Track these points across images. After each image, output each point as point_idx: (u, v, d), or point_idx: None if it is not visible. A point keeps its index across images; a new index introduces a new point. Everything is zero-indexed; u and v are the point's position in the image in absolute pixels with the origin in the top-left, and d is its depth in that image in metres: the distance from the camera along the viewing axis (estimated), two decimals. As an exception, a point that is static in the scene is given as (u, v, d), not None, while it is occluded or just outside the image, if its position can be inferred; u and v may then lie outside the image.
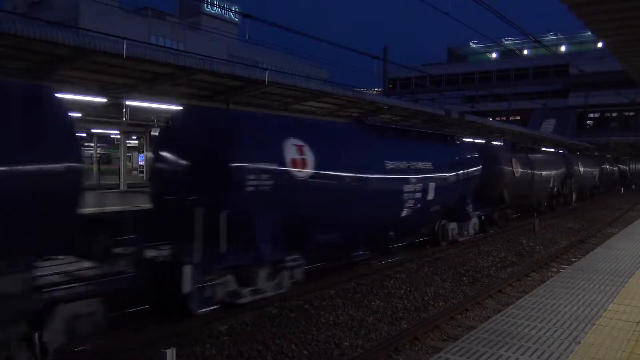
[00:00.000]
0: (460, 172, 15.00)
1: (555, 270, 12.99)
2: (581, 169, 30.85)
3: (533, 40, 19.26)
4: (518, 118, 55.79)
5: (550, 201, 26.42)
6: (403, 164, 12.18)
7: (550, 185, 25.01)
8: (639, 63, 11.84)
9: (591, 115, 58.32)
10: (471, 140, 19.19)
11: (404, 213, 12.41)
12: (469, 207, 15.99)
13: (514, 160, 19.84)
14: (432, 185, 13.14)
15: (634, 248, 12.08)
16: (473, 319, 9.12)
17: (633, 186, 51.04)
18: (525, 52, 64.16)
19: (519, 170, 19.96)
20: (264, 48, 36.72)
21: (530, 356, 5.27)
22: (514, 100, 47.56)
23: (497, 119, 47.80)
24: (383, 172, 11.56)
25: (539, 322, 6.37)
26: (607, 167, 41.37)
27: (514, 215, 21.88)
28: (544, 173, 23.21)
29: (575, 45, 65.41)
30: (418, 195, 12.66)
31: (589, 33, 11.64)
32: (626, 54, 10.78)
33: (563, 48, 66.21)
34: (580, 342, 5.67)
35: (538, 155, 23.94)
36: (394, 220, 12.44)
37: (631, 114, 55.80)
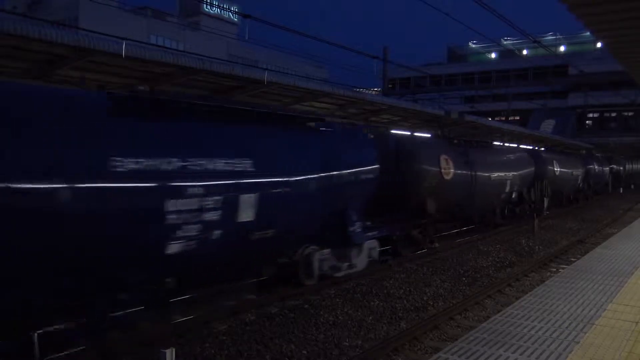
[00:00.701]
0: (330, 174, 9.78)
1: (555, 270, 13.00)
2: (557, 169, 25.58)
3: (532, 41, 19.25)
4: (517, 118, 55.86)
5: (512, 209, 21.26)
6: (165, 164, 6.84)
7: (507, 190, 19.15)
8: (638, 63, 11.85)
9: (590, 115, 58.38)
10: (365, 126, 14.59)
11: (175, 248, 7.00)
12: (356, 227, 10.71)
13: (443, 158, 14.63)
14: (249, 198, 7.90)
15: (633, 248, 12.08)
16: (472, 319, 9.13)
17: (632, 187, 50.98)
18: (525, 52, 64.20)
19: (451, 171, 14.75)
20: (264, 48, 36.76)
21: (529, 356, 5.28)
22: (513, 100, 47.62)
23: (496, 119, 47.88)
24: (105, 178, 6.23)
25: (538, 322, 6.38)
26: (595, 167, 35.86)
27: (449, 232, 17.36)
28: (494, 175, 17.58)
29: (575, 45, 65.46)
30: (213, 215, 7.39)
31: (588, 33, 11.62)
32: (626, 54, 10.78)
33: (562, 48, 66.28)
34: (579, 342, 5.68)
35: (485, 152, 18.29)
36: (152, 263, 7.14)
37: (630, 114, 55.84)
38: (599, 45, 49.49)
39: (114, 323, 7.32)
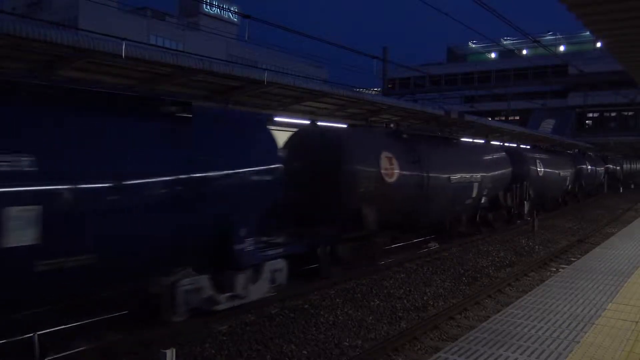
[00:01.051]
0: (195, 177, 7.35)
1: (555, 270, 13.00)
2: (540, 169, 22.76)
3: (532, 40, 19.26)
4: (517, 118, 55.92)
5: (485, 216, 18.08)
6: None
7: (474, 195, 16.07)
8: (638, 63, 11.85)
9: (590, 115, 58.43)
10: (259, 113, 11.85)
11: None
12: (245, 244, 8.22)
13: (386, 156, 12.02)
14: (23, 212, 5.49)
15: (633, 247, 12.08)
16: (472, 318, 9.13)
17: (632, 186, 50.93)
18: (525, 52, 64.23)
19: (395, 172, 12.13)
20: (264, 48, 36.76)
21: (529, 356, 5.28)
22: (513, 100, 47.62)
23: (496, 118, 47.94)
24: None
25: (538, 322, 6.38)
26: (588, 167, 33.00)
27: (398, 244, 14.46)
28: (455, 176, 14.72)
29: (574, 45, 65.50)
30: None
31: (588, 33, 11.57)
32: (626, 53, 10.79)
33: (562, 48, 66.30)
34: (579, 342, 5.68)
35: (445, 149, 15.20)
36: None
37: (630, 113, 55.88)
38: (598, 45, 49.55)
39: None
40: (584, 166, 31.87)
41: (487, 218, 18.29)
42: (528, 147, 25.46)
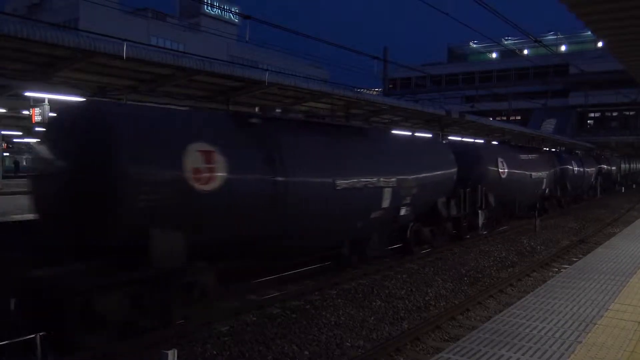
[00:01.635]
0: None
1: (556, 270, 12.98)
2: (503, 170, 18.11)
3: (533, 40, 19.26)
4: (518, 118, 55.89)
5: (417, 232, 13.67)
6: None
7: (386, 205, 11.45)
8: (638, 62, 11.84)
9: (591, 114, 58.38)
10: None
11: None
12: None
13: (199, 151, 7.63)
14: None
15: (635, 247, 12.06)
16: (474, 319, 9.12)
17: (634, 186, 50.79)
18: (526, 51, 64.16)
19: (217, 175, 7.80)
20: (264, 49, 36.78)
21: (531, 356, 5.26)
22: (514, 100, 47.58)
23: (497, 118, 47.89)
24: None
25: (540, 322, 6.36)
26: (575, 167, 28.28)
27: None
28: (344, 181, 10.08)
29: (576, 44, 65.43)
30: None
31: (589, 32, 11.57)
32: (626, 53, 10.78)
33: (563, 47, 66.23)
34: (581, 342, 5.66)
35: (325, 142, 10.32)
36: None
37: (631, 113, 55.82)
38: (600, 44, 49.45)
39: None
40: (569, 166, 27.21)
41: (423, 234, 13.89)
42: (495, 143, 21.97)
